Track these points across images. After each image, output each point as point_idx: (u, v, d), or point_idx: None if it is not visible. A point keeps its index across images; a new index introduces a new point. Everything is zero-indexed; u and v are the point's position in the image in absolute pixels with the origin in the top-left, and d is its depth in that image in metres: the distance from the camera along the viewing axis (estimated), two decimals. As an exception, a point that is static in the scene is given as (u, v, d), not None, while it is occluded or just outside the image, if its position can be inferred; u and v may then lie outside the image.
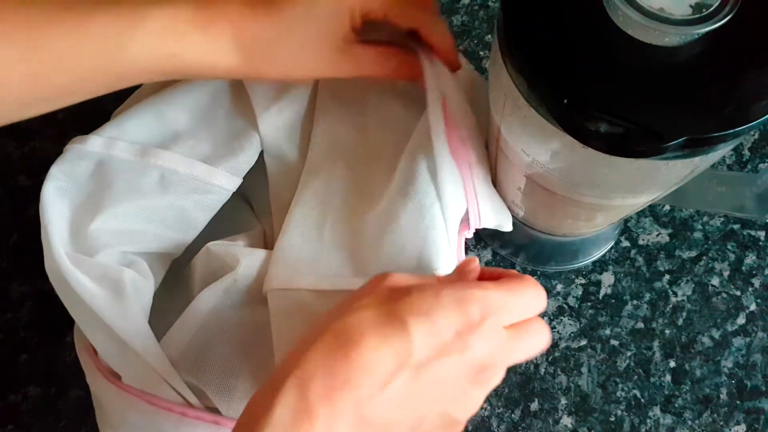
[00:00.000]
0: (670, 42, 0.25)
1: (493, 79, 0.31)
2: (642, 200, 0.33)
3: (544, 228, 0.41)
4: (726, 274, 0.43)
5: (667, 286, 0.43)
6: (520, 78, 0.27)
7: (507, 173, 0.35)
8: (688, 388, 0.40)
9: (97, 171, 0.34)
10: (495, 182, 0.38)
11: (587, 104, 0.25)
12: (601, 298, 0.43)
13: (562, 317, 0.42)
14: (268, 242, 0.40)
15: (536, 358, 0.41)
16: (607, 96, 0.25)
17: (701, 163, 0.28)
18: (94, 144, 0.34)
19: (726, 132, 0.24)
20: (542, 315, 0.42)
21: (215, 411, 0.30)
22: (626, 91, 0.25)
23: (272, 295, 0.32)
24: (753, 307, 0.42)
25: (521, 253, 0.44)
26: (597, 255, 0.44)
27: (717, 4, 0.25)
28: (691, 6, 0.25)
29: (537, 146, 0.30)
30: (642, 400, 0.40)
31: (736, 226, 0.44)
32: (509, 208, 0.36)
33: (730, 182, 0.38)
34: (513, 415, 0.40)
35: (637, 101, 0.25)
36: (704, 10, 0.25)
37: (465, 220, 0.33)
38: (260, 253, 0.35)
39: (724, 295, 0.42)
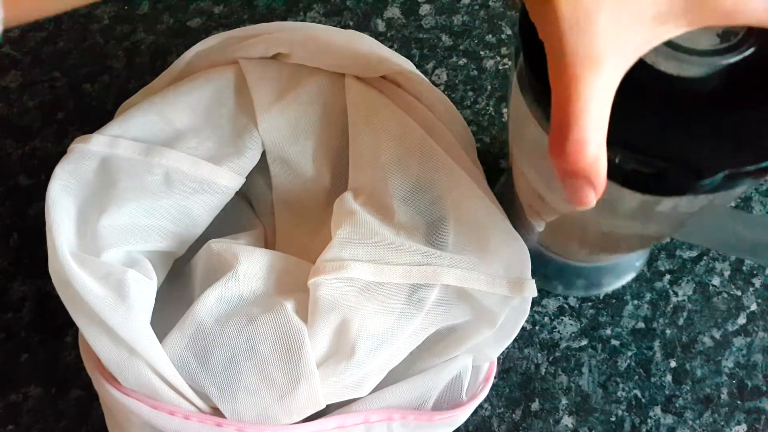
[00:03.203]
0: (698, 72, 0.24)
1: (513, 110, 0.30)
2: (652, 231, 0.31)
3: (561, 252, 0.40)
4: (727, 274, 0.43)
5: (668, 286, 0.43)
6: (539, 112, 0.25)
7: (524, 194, 0.34)
8: (688, 388, 0.40)
9: (102, 170, 0.34)
10: (513, 200, 0.37)
11: (616, 141, 0.23)
12: (601, 298, 0.43)
13: (562, 317, 0.42)
14: (268, 242, 0.40)
15: (537, 358, 0.41)
16: (636, 131, 0.23)
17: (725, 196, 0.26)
18: (97, 143, 0.34)
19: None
20: (543, 315, 0.42)
21: (218, 412, 0.30)
22: (656, 126, 0.24)
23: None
24: (754, 307, 0.42)
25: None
26: (612, 286, 0.42)
27: (744, 30, 0.24)
28: (717, 35, 0.24)
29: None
30: (643, 400, 0.40)
31: (736, 226, 0.44)
32: (525, 228, 0.36)
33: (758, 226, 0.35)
34: (514, 415, 0.40)
35: (668, 136, 0.23)
36: (732, 37, 0.24)
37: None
38: (260, 252, 0.35)
39: (725, 295, 0.42)
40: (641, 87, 0.24)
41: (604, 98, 0.22)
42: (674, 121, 0.24)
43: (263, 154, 0.38)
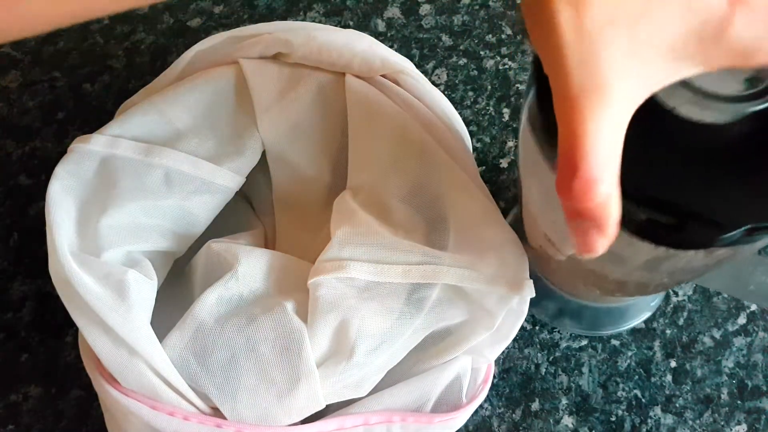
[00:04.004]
0: (722, 119, 0.23)
1: (523, 151, 0.28)
2: (664, 281, 0.30)
3: (570, 291, 0.40)
4: (727, 273, 0.43)
5: (668, 286, 0.43)
6: (550, 153, 0.24)
7: (533, 236, 0.33)
8: (689, 387, 0.40)
9: (102, 170, 0.34)
10: (523, 236, 0.36)
11: (630, 189, 0.21)
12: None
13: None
14: (268, 242, 0.41)
15: (537, 358, 0.41)
16: (653, 179, 0.22)
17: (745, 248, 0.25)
18: (98, 142, 0.34)
19: None
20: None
21: (218, 412, 0.30)
22: (674, 174, 0.22)
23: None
24: (754, 306, 0.42)
25: (536, 307, 0.41)
26: (627, 325, 0.41)
27: None
28: (745, 80, 0.22)
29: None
30: (643, 400, 0.40)
31: (736, 226, 0.44)
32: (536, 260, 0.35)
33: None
34: (514, 415, 0.40)
35: (687, 185, 0.22)
36: (759, 83, 0.22)
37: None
38: (260, 252, 0.35)
39: (725, 295, 0.42)
40: (659, 132, 0.23)
41: (614, 135, 0.21)
42: (694, 170, 0.22)
43: (263, 154, 0.38)
